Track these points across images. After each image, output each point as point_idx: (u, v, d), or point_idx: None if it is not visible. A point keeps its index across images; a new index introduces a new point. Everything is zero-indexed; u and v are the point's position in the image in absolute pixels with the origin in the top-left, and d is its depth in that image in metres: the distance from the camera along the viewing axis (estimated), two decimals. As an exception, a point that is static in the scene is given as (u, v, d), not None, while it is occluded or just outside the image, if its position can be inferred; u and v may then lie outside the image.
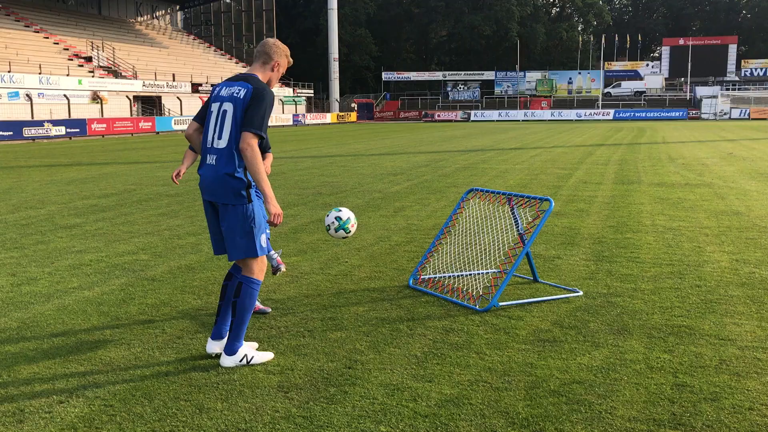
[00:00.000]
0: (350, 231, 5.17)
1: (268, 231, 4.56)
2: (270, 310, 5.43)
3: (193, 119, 4.45)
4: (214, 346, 4.39)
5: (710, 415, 3.55)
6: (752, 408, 3.63)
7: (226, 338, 4.36)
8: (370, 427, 3.43)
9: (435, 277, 6.24)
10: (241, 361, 4.22)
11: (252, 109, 4.04)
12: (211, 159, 4.16)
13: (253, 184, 4.15)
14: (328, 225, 5.18)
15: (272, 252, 5.44)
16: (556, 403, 3.69)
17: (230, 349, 4.23)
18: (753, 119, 60.48)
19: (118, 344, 4.66)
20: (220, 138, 4.12)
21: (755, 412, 3.59)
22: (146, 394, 3.84)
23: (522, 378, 4.03)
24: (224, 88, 4.21)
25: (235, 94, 4.11)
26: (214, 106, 4.21)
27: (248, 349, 4.29)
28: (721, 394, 3.79)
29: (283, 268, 5.49)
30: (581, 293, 5.81)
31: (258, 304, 5.50)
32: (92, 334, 4.89)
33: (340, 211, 5.21)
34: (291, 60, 4.40)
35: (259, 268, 4.24)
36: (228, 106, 4.11)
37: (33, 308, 5.53)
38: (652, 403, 3.69)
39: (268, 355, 4.35)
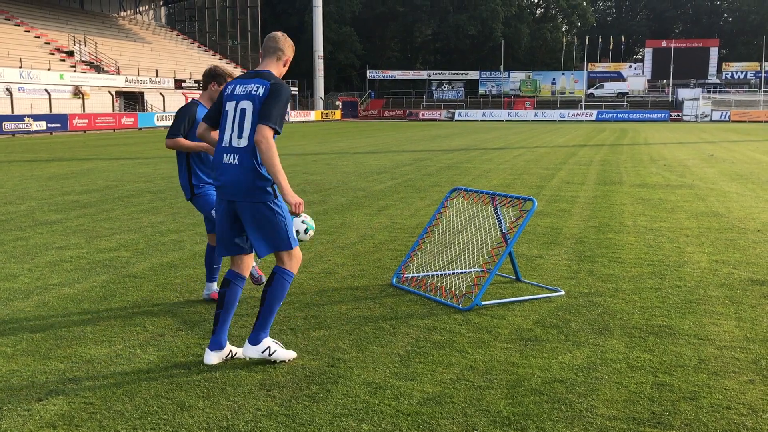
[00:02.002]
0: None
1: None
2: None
3: (202, 120, 4.42)
4: (213, 357, 4.21)
5: (689, 414, 3.58)
6: (730, 407, 3.67)
7: (225, 348, 4.24)
8: (352, 426, 3.43)
9: (418, 276, 6.25)
10: (263, 352, 4.16)
11: (269, 103, 4.02)
12: (230, 158, 4.10)
13: None
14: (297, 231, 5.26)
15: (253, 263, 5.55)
16: (537, 402, 3.71)
17: (255, 339, 4.17)
18: (733, 122, 61.15)
19: (99, 342, 4.63)
20: (240, 137, 4.08)
21: (733, 410, 3.63)
22: (127, 392, 3.81)
23: (504, 377, 4.05)
24: (238, 86, 4.17)
25: (253, 92, 4.08)
26: (230, 105, 4.16)
27: (272, 342, 4.24)
28: (700, 393, 3.84)
29: (264, 278, 5.63)
30: (563, 293, 5.84)
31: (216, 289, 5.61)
32: (72, 331, 4.84)
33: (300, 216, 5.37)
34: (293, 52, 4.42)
35: (294, 261, 4.24)
36: (247, 105, 4.08)
37: (12, 305, 5.47)
38: (632, 402, 3.72)
39: (291, 354, 4.28)
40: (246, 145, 4.07)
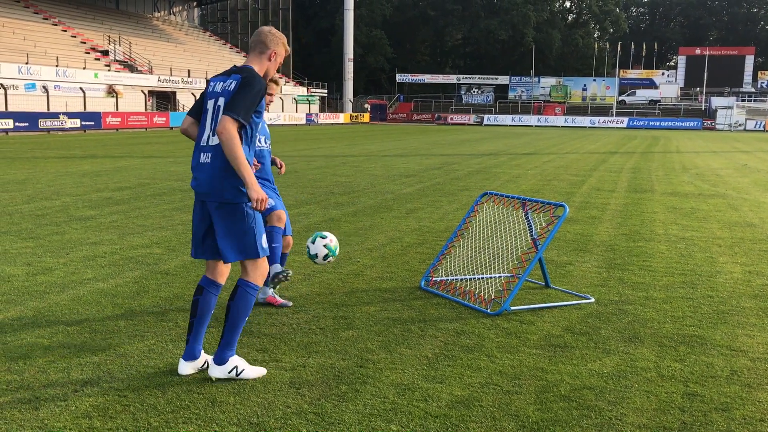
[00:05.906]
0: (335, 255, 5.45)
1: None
2: (291, 303, 5.52)
3: (187, 114, 4.18)
4: (187, 368, 4.04)
5: (721, 426, 3.55)
6: (763, 419, 3.63)
7: (200, 358, 4.07)
8: (381, 426, 3.46)
9: (447, 280, 6.25)
10: (230, 372, 3.94)
11: (236, 95, 3.83)
12: (205, 157, 3.92)
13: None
14: (316, 254, 5.38)
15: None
16: (566, 408, 3.70)
17: (220, 358, 3.94)
18: (768, 131, 60.10)
19: (132, 336, 4.71)
20: (215, 135, 3.88)
21: (766, 423, 3.58)
22: (159, 386, 3.88)
23: (533, 382, 4.04)
24: (219, 83, 4.00)
25: (227, 88, 3.91)
26: (210, 104, 3.99)
27: (239, 361, 4.00)
28: (732, 405, 3.79)
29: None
30: (593, 300, 5.81)
31: (278, 298, 5.56)
32: (106, 325, 4.94)
33: (325, 237, 5.42)
34: (288, 48, 4.16)
35: (259, 273, 3.99)
36: (221, 101, 3.91)
37: (48, 298, 5.59)
38: (663, 412, 3.69)
39: (260, 371, 4.05)
40: (218, 143, 3.85)
